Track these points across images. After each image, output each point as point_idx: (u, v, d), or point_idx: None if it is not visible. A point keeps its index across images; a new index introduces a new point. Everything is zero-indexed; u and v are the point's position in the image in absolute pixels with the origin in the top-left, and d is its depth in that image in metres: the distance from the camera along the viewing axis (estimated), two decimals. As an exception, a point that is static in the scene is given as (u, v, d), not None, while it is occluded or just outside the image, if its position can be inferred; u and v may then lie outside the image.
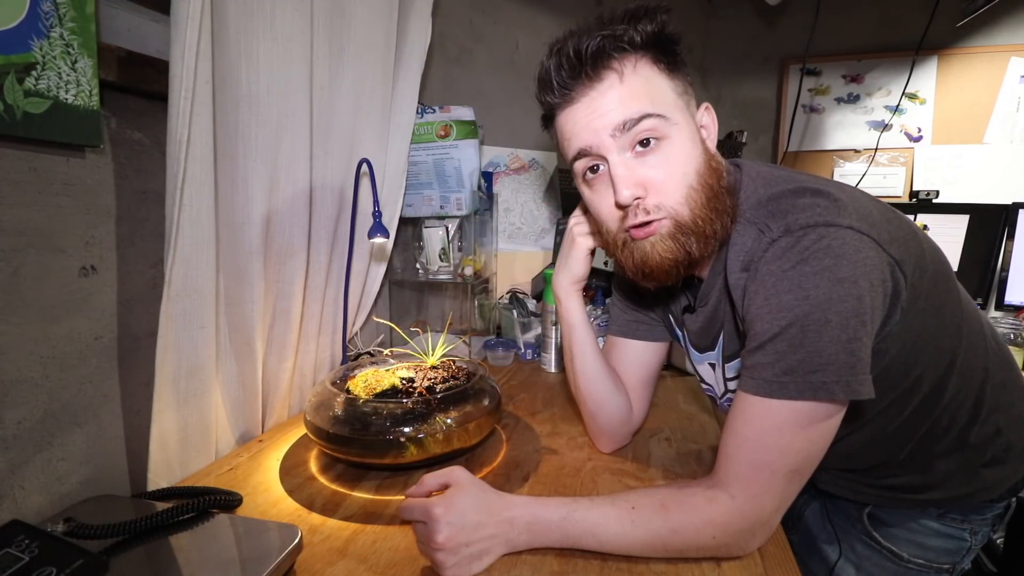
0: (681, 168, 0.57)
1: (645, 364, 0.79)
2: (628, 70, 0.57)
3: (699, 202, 0.57)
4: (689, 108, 0.60)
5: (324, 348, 1.03)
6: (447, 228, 1.30)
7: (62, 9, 0.56)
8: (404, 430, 0.67)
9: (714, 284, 0.64)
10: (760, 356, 0.52)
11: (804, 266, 0.49)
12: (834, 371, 0.48)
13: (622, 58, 0.57)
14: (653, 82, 0.58)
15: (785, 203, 0.53)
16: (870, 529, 0.73)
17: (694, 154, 0.58)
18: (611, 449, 0.78)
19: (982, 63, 1.69)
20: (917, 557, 0.70)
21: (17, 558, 0.43)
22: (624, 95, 0.57)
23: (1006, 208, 1.53)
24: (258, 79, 0.76)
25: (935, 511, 0.70)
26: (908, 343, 0.56)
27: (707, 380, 0.74)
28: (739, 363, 0.64)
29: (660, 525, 0.53)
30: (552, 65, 0.59)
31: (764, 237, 0.53)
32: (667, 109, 0.57)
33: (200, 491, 0.64)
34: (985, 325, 0.67)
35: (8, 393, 0.56)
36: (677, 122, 0.57)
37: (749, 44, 1.87)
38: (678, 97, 0.59)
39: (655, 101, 0.57)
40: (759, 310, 0.51)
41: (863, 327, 0.49)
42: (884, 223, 0.53)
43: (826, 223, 0.49)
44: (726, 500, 0.53)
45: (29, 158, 0.57)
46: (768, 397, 0.51)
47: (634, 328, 0.79)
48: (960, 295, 0.63)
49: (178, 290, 0.66)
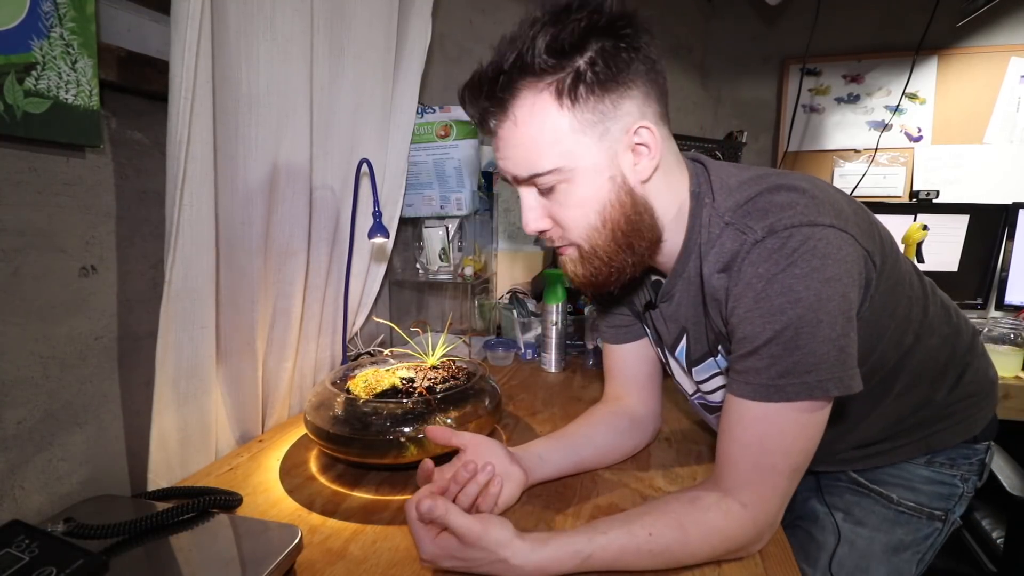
0: (580, 211, 0.57)
1: (644, 359, 0.79)
2: (523, 114, 0.54)
3: (603, 239, 0.58)
4: (605, 137, 0.54)
5: (324, 348, 1.03)
6: (447, 228, 1.30)
7: (62, 9, 0.56)
8: (404, 430, 0.67)
9: (675, 283, 0.64)
10: (754, 360, 0.51)
11: (793, 268, 0.49)
12: (827, 369, 0.49)
13: (518, 96, 0.54)
14: (547, 127, 0.53)
15: (763, 202, 0.53)
16: (857, 477, 0.75)
17: (597, 195, 0.56)
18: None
19: (982, 63, 1.69)
20: (907, 500, 0.72)
21: (17, 558, 0.43)
22: (516, 148, 0.56)
23: (1006, 208, 1.53)
24: (258, 79, 0.76)
25: (921, 457, 0.72)
26: (871, 322, 0.57)
27: (677, 376, 0.75)
28: (708, 367, 0.65)
29: (679, 549, 0.52)
30: (465, 95, 0.58)
31: (746, 238, 0.52)
32: (561, 158, 0.54)
33: (200, 491, 0.64)
34: (929, 294, 0.69)
35: (8, 393, 0.56)
36: (575, 167, 0.55)
37: (749, 44, 1.87)
38: (583, 134, 0.54)
39: (546, 155, 0.54)
40: (748, 313, 0.51)
41: (849, 323, 0.50)
42: (853, 215, 0.54)
43: (810, 223, 0.50)
44: (739, 511, 0.53)
45: (29, 158, 0.57)
46: (766, 401, 0.51)
47: (617, 334, 0.79)
48: (904, 270, 0.64)
49: (178, 290, 0.66)
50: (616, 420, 0.76)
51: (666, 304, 0.67)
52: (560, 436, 0.73)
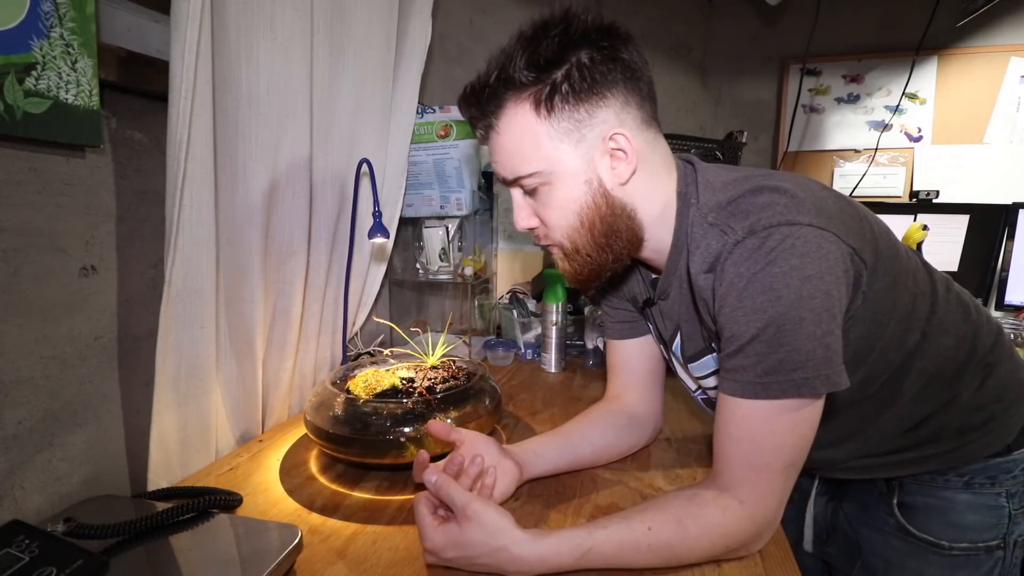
0: (560, 212, 0.61)
1: (646, 356, 0.80)
2: (504, 124, 0.60)
3: (583, 239, 0.62)
4: (581, 144, 0.58)
5: (324, 348, 1.03)
6: (447, 228, 1.30)
7: (62, 9, 0.56)
8: (404, 430, 0.67)
9: (670, 281, 0.65)
10: (740, 359, 0.52)
11: (772, 267, 0.49)
12: (813, 367, 0.49)
13: (502, 107, 0.59)
14: (527, 135, 0.59)
15: (745, 203, 0.54)
16: (903, 522, 0.71)
17: (574, 197, 0.60)
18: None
19: (982, 63, 1.69)
20: (959, 541, 0.68)
21: (17, 558, 0.43)
22: (501, 153, 0.61)
23: (1006, 208, 1.53)
24: (258, 79, 0.76)
25: (958, 479, 0.68)
26: (868, 320, 0.57)
27: (678, 371, 0.75)
28: (705, 364, 0.66)
29: (678, 544, 0.52)
30: (459, 104, 0.63)
31: (728, 238, 0.53)
32: (539, 163, 0.59)
33: (200, 491, 0.64)
34: (940, 290, 0.66)
35: (8, 393, 0.56)
36: (553, 171, 0.59)
37: (749, 44, 1.87)
38: (560, 141, 0.58)
39: (526, 159, 0.59)
40: (732, 312, 0.52)
41: (833, 320, 0.50)
42: (839, 213, 0.54)
43: (788, 222, 0.50)
44: (736, 507, 0.53)
45: (29, 158, 0.57)
46: (754, 398, 0.52)
47: (621, 329, 0.80)
48: (906, 266, 0.63)
49: (178, 290, 0.66)
50: (614, 418, 0.76)
51: (663, 301, 0.68)
52: (556, 433, 0.74)
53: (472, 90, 0.61)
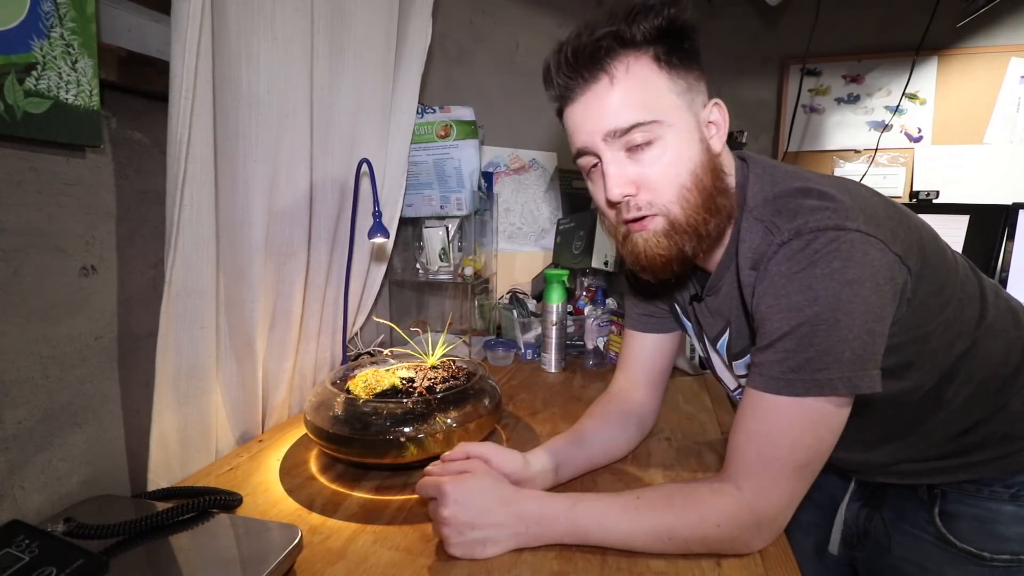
0: (674, 169, 0.58)
1: (661, 354, 0.80)
2: (620, 72, 0.57)
3: (692, 202, 0.58)
4: (692, 106, 0.59)
5: (324, 348, 1.03)
6: (447, 228, 1.30)
7: (62, 9, 0.56)
8: (404, 430, 0.67)
9: (722, 276, 0.64)
10: (770, 354, 0.53)
11: (814, 268, 0.50)
12: (839, 368, 0.49)
13: (616, 59, 0.57)
14: (649, 84, 0.57)
15: (792, 203, 0.54)
16: (944, 531, 0.69)
17: (689, 154, 0.58)
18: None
19: (982, 63, 1.68)
20: (1001, 553, 0.66)
21: (17, 558, 0.43)
22: (615, 102, 0.57)
23: (1006, 208, 1.53)
24: (258, 79, 0.76)
25: (1004, 490, 0.66)
26: (914, 325, 0.57)
27: (718, 370, 0.74)
28: (748, 361, 0.65)
29: (665, 514, 0.54)
30: (552, 64, 0.60)
31: (773, 238, 0.53)
32: (660, 112, 0.57)
33: (200, 491, 0.64)
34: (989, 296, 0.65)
35: (8, 393, 0.56)
36: (672, 124, 0.58)
37: (749, 44, 1.87)
38: (678, 96, 0.58)
39: (647, 106, 0.57)
40: (769, 310, 0.53)
41: (868, 325, 0.50)
42: (887, 219, 0.54)
43: (835, 227, 0.50)
44: (732, 491, 0.54)
45: (29, 158, 0.57)
46: (776, 394, 0.52)
47: (645, 322, 0.80)
48: (954, 272, 0.62)
49: (178, 290, 0.66)
50: (625, 419, 0.77)
51: (712, 297, 0.67)
52: (578, 442, 0.72)
53: (582, 45, 0.58)
